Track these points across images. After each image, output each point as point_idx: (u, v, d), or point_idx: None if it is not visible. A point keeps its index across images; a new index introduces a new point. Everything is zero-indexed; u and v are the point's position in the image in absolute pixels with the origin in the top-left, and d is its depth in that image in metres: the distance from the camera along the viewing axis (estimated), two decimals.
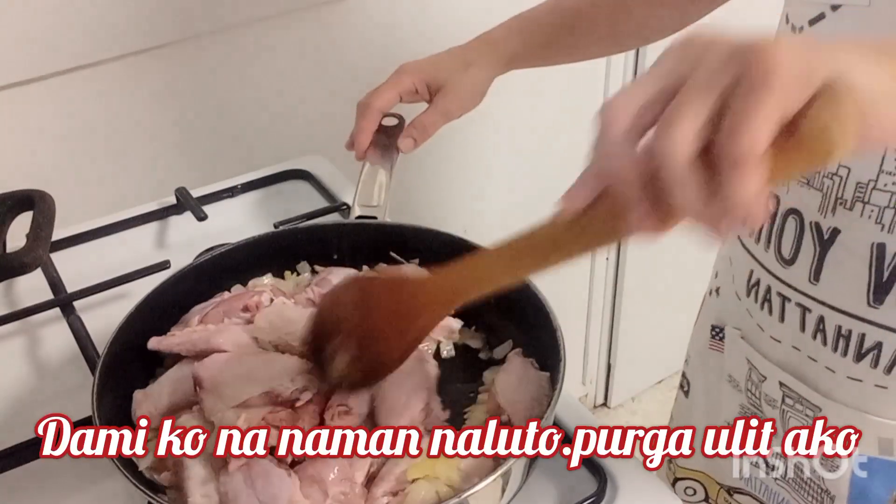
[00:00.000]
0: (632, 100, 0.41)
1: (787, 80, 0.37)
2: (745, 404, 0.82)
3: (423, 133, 0.89)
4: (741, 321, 0.80)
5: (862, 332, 0.67)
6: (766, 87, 0.37)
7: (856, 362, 0.69)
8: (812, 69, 0.38)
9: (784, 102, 0.37)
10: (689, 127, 0.38)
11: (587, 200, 0.44)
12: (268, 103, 1.22)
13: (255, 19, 1.15)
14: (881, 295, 0.65)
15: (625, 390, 2.05)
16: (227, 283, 0.80)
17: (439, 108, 0.88)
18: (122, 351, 0.70)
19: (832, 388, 0.71)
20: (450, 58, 0.88)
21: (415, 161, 0.95)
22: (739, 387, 0.82)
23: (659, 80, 0.41)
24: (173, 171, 1.16)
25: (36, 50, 1.02)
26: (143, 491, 0.58)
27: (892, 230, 0.63)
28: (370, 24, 1.25)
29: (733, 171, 0.37)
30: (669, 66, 0.41)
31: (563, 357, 0.67)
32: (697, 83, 0.39)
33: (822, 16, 0.63)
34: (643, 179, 0.41)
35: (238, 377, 0.65)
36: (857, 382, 0.69)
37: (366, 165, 0.90)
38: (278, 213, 1.01)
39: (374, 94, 0.88)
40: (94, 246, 0.99)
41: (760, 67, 0.37)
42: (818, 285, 0.69)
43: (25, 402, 0.79)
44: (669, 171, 0.39)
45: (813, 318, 0.70)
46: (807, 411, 0.74)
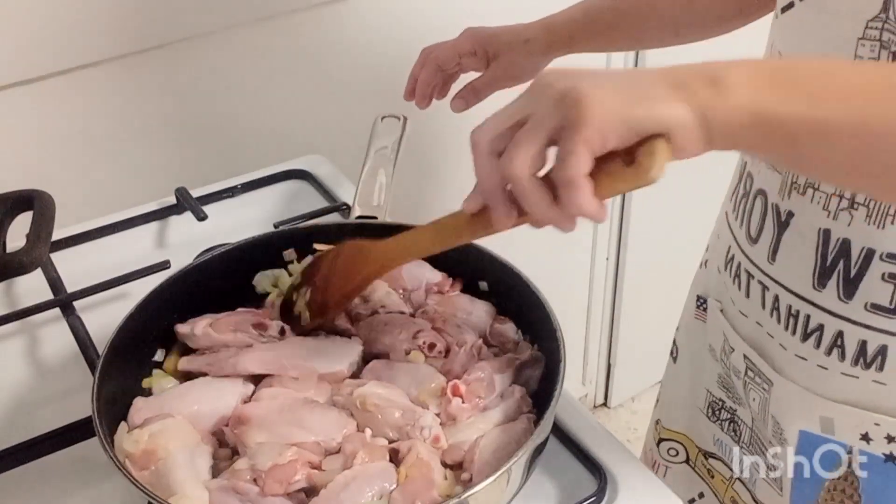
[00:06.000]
0: (492, 130, 0.53)
1: (593, 124, 0.48)
2: (722, 374, 0.84)
3: (474, 96, 0.93)
4: (720, 294, 0.83)
5: (808, 313, 0.70)
6: (578, 130, 0.49)
7: (802, 342, 0.71)
8: (618, 117, 0.49)
9: (593, 142, 0.49)
10: (524, 155, 0.51)
11: (478, 205, 0.57)
12: (268, 103, 1.22)
13: (255, 19, 1.15)
14: (824, 279, 0.68)
15: (625, 390, 2.05)
16: (227, 284, 0.80)
17: (493, 74, 0.91)
18: (123, 351, 0.70)
19: (783, 365, 0.74)
20: (511, 31, 0.91)
21: (415, 161, 0.95)
22: (717, 356, 0.84)
23: (510, 117, 0.53)
24: (173, 171, 1.16)
25: (36, 50, 1.02)
26: (143, 491, 0.58)
27: (836, 217, 0.65)
28: (370, 24, 1.25)
29: (564, 189, 0.50)
30: (520, 104, 0.53)
31: (563, 357, 0.67)
32: (532, 122, 0.51)
33: (791, 4, 0.66)
34: (502, 188, 0.54)
35: (290, 422, 0.66)
36: (803, 361, 0.72)
37: (366, 165, 0.90)
38: (278, 213, 1.02)
39: (437, 47, 0.92)
40: (94, 246, 0.99)
41: (574, 114, 0.49)
42: (774, 265, 0.72)
43: (25, 402, 0.79)
44: (515, 185, 0.52)
45: (770, 296, 0.73)
46: (763, 385, 0.77)
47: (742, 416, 0.83)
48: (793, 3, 0.65)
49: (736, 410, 0.84)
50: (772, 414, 0.77)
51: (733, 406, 0.84)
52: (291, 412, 0.67)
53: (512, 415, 0.67)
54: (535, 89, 0.52)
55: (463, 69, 0.94)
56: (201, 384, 0.71)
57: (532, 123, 0.51)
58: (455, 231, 0.62)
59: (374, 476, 0.61)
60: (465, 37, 0.92)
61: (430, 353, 0.72)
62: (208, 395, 0.69)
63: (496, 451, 0.63)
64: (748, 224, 0.74)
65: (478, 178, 0.55)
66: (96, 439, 0.62)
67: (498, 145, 0.53)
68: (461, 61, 0.92)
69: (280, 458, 0.62)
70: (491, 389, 0.68)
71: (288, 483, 0.61)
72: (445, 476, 0.63)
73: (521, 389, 0.69)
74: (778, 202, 0.70)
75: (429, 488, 0.61)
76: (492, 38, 0.91)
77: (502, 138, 0.53)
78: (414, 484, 0.61)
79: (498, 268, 0.76)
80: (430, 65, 0.91)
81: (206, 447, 0.66)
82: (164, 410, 0.67)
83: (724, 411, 0.86)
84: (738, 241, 0.76)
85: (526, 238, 0.66)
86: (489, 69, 0.92)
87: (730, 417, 0.85)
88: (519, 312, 0.75)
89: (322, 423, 0.66)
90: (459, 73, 0.94)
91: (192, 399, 0.69)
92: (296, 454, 0.63)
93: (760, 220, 0.73)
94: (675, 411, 0.95)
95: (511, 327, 0.75)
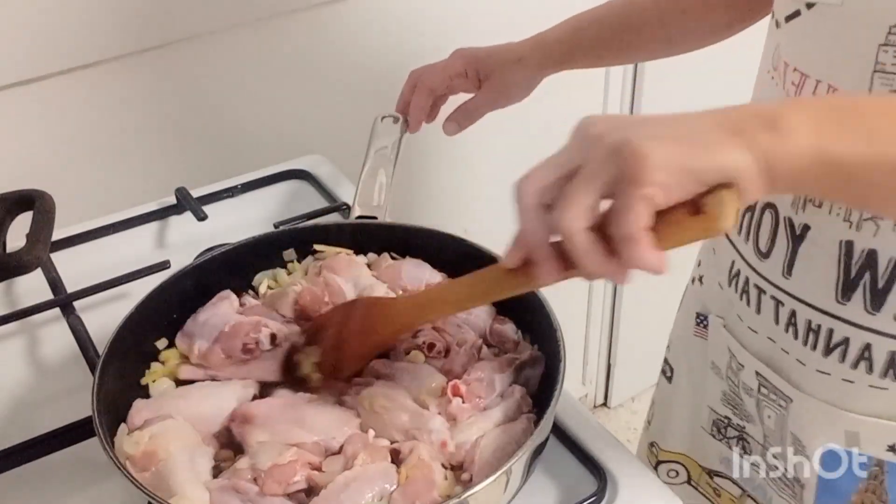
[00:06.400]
0: (538, 181, 0.51)
1: (658, 178, 0.46)
2: (727, 391, 0.83)
3: (467, 118, 0.92)
4: (723, 310, 0.81)
5: (830, 327, 0.68)
6: (638, 185, 0.47)
7: (825, 356, 0.70)
8: (683, 167, 0.47)
9: (655, 196, 0.47)
10: (577, 209, 0.49)
11: (520, 259, 0.55)
12: (268, 103, 1.22)
13: (255, 19, 1.15)
14: (849, 292, 0.66)
15: (625, 390, 2.05)
16: (227, 284, 0.80)
17: (486, 95, 0.91)
18: (122, 351, 0.70)
19: (802, 381, 0.73)
20: (502, 50, 0.91)
21: (415, 161, 0.96)
22: (721, 374, 0.83)
23: (558, 167, 0.51)
24: (173, 171, 1.16)
25: (35, 50, 1.02)
26: (143, 491, 0.58)
27: (859, 228, 0.64)
28: (369, 24, 1.25)
29: (624, 244, 0.48)
30: (568, 155, 0.51)
31: (563, 357, 0.67)
32: (584, 174, 0.49)
33: (797, 13, 0.64)
34: (552, 243, 0.52)
35: (291, 421, 0.66)
36: (826, 376, 0.70)
37: (366, 165, 0.90)
38: (278, 213, 1.02)
39: (426, 69, 0.91)
40: (94, 246, 0.98)
41: (633, 168, 0.47)
42: (790, 279, 0.70)
43: (25, 402, 0.79)
44: (568, 239, 0.50)
45: (786, 311, 0.71)
46: (780, 401, 0.75)
47: (752, 432, 0.82)
48: (799, 11, 0.64)
49: (745, 427, 0.83)
50: (791, 431, 0.75)
51: (741, 423, 0.83)
52: (294, 410, 0.67)
53: (512, 415, 0.67)
54: (584, 139, 0.50)
55: (453, 91, 0.93)
56: (202, 386, 0.71)
57: (585, 175, 0.49)
58: (494, 285, 0.60)
59: (375, 477, 0.61)
60: (456, 58, 0.91)
61: (430, 353, 0.72)
62: (209, 398, 0.69)
63: (496, 451, 0.63)
64: (756, 239, 0.73)
65: (522, 230, 0.53)
66: (96, 439, 0.62)
67: (545, 197, 0.51)
68: (452, 83, 0.91)
69: (280, 458, 0.62)
70: (491, 389, 0.68)
71: (287, 483, 0.61)
72: (445, 476, 0.63)
73: (521, 389, 0.69)
74: (791, 215, 0.68)
75: (429, 489, 0.61)
76: (483, 59, 0.90)
77: (550, 190, 0.51)
78: (414, 485, 0.61)
79: None
80: (422, 90, 0.91)
81: (207, 448, 0.66)
82: (164, 412, 0.67)
83: (730, 429, 0.85)
84: (745, 256, 0.75)
85: None
86: (482, 90, 0.91)
87: (738, 435, 0.84)
88: (519, 312, 0.75)
89: (324, 422, 0.66)
90: (449, 94, 0.94)
91: (193, 401, 0.69)
92: (296, 455, 0.63)
93: (771, 235, 0.71)
94: (674, 431, 0.94)
95: (511, 327, 0.75)
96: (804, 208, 0.67)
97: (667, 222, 0.48)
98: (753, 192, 0.48)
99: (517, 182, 0.52)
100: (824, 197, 0.63)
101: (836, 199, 0.63)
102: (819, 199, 0.65)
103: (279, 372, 0.72)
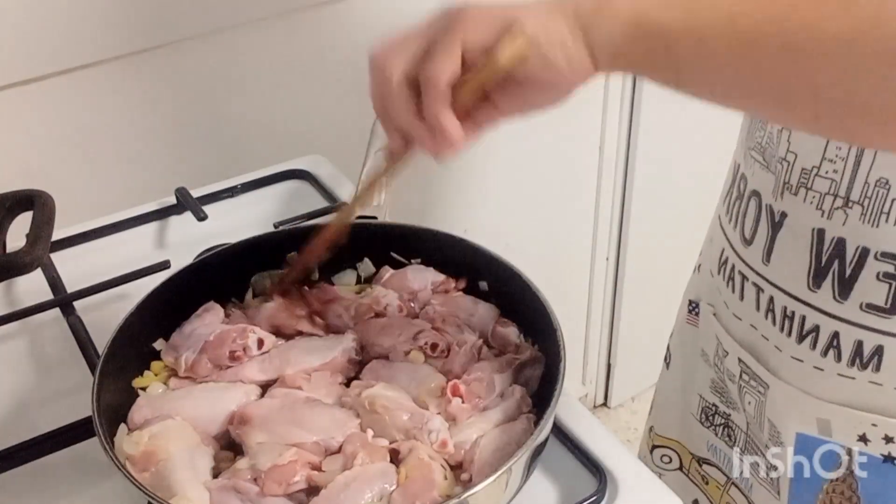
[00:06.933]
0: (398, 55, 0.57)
1: (467, 24, 0.53)
2: (714, 379, 0.84)
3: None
4: (713, 297, 0.82)
5: (803, 314, 0.70)
6: (451, 29, 0.53)
7: (798, 343, 0.71)
8: (491, 18, 0.53)
9: (463, 36, 0.52)
10: (397, 60, 0.56)
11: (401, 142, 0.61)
12: (268, 103, 1.22)
13: (255, 19, 1.15)
14: (819, 279, 0.67)
15: (625, 390, 2.05)
16: (227, 284, 0.80)
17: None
18: (122, 351, 0.70)
19: (779, 367, 0.74)
20: None
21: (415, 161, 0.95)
22: (710, 361, 0.84)
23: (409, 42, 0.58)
24: (173, 171, 1.16)
25: (36, 50, 1.02)
26: (143, 491, 0.58)
27: (830, 216, 0.65)
28: (370, 24, 1.25)
29: (426, 91, 0.53)
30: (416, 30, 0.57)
31: (563, 357, 0.67)
32: (414, 33, 0.57)
33: None
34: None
35: (290, 421, 0.66)
36: (799, 362, 0.72)
37: (366, 165, 0.90)
38: (278, 213, 1.01)
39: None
40: (94, 246, 0.98)
41: (451, 17, 0.54)
42: (769, 266, 0.71)
43: (25, 402, 0.79)
44: (384, 98, 0.57)
45: (765, 297, 0.73)
46: (759, 388, 0.76)
47: (736, 420, 0.83)
48: None
49: (730, 415, 0.84)
50: (768, 417, 0.76)
51: (727, 411, 0.84)
52: (293, 411, 0.67)
53: (512, 415, 0.67)
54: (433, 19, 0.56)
55: None
56: (203, 387, 0.71)
57: (415, 33, 0.56)
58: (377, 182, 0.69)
59: (374, 477, 0.61)
60: None
61: (431, 354, 0.72)
62: (210, 398, 0.69)
63: (496, 451, 0.63)
64: (742, 226, 0.74)
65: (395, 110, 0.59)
66: (96, 439, 0.62)
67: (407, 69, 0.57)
68: None
69: (280, 458, 0.62)
70: (491, 389, 0.68)
71: (287, 484, 0.61)
72: (445, 476, 0.63)
73: (521, 389, 0.69)
74: (771, 203, 0.70)
75: (429, 489, 0.61)
76: None
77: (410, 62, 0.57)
78: (414, 485, 0.61)
79: (498, 268, 0.76)
80: None
81: (207, 449, 0.66)
82: (164, 412, 0.67)
83: (717, 416, 0.85)
84: (732, 243, 0.76)
85: (526, 238, 0.66)
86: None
87: (723, 422, 0.85)
88: (519, 312, 0.75)
89: (323, 422, 0.66)
90: None
91: (193, 401, 0.69)
92: (295, 455, 0.63)
93: (754, 222, 0.72)
94: (669, 418, 0.95)
95: (514, 331, 0.75)
96: (782, 196, 0.68)
97: (466, 79, 0.54)
98: (564, 59, 0.52)
99: (375, 56, 0.59)
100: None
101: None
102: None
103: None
